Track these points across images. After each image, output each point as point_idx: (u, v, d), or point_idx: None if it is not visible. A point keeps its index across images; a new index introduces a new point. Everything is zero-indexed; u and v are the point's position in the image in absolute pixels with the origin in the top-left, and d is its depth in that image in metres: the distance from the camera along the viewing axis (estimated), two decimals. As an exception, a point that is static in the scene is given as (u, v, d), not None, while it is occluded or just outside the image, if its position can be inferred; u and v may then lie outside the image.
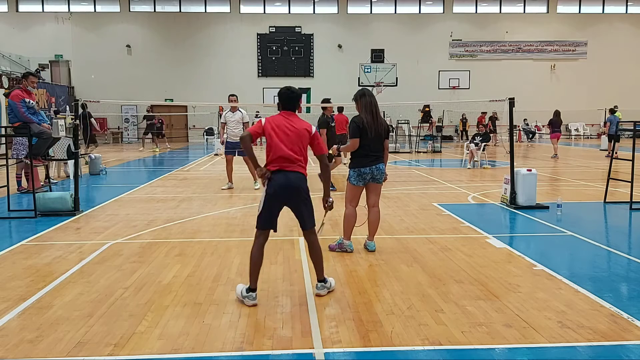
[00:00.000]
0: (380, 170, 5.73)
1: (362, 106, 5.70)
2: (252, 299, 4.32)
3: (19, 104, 9.17)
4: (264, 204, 4.37)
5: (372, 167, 5.68)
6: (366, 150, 5.65)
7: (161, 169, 15.96)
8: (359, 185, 5.77)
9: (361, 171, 5.69)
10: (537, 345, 3.56)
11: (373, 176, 5.74)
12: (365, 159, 5.67)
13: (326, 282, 4.57)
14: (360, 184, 5.75)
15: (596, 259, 5.79)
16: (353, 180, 5.74)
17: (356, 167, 5.70)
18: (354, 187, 5.78)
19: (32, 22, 31.09)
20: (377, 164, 5.70)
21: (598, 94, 31.74)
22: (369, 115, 5.61)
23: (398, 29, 32.36)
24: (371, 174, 5.71)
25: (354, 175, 5.73)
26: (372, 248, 5.92)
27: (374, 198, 5.90)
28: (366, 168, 5.68)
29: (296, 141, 4.38)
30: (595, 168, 15.37)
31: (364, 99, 5.73)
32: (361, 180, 5.72)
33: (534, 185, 8.58)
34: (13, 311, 4.17)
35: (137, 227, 7.28)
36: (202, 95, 30.05)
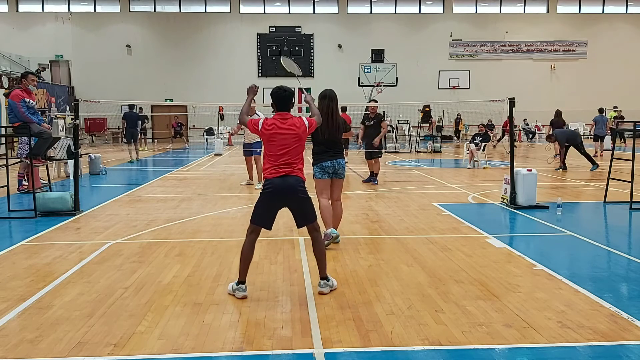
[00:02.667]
0: (340, 165, 6.13)
1: (319, 108, 5.96)
2: (242, 291, 4.42)
3: (19, 104, 9.17)
4: (260, 198, 4.49)
5: (333, 161, 6.07)
6: (323, 148, 6.10)
7: (161, 169, 15.96)
8: (324, 178, 6.12)
9: (323, 165, 6.07)
10: (537, 345, 3.56)
11: (335, 170, 6.11)
12: (325, 155, 6.07)
13: (329, 280, 4.59)
14: (325, 177, 6.11)
15: (596, 259, 5.78)
16: (318, 175, 6.13)
17: (318, 162, 6.10)
18: (320, 180, 6.16)
19: (32, 22, 31.10)
20: (337, 159, 6.09)
21: (598, 94, 31.71)
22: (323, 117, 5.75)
23: (398, 29, 32.36)
24: (333, 167, 6.08)
25: (317, 170, 6.12)
26: (334, 233, 6.15)
27: (337, 192, 6.26)
28: (327, 162, 6.07)
29: (292, 145, 4.45)
30: (598, 168, 15.34)
31: (322, 102, 6.08)
32: (325, 173, 6.09)
33: (534, 185, 8.57)
34: (13, 311, 4.17)
35: (137, 227, 7.28)
36: (202, 95, 30.06)
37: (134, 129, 18.05)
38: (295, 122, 4.52)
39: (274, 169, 4.43)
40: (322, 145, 6.11)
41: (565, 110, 22.22)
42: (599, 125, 19.03)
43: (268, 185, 4.44)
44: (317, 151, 6.14)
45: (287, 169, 4.43)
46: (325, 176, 6.12)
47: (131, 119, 17.96)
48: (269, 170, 4.47)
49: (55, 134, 12.46)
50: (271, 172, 4.44)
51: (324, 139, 6.05)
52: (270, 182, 4.42)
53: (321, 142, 6.10)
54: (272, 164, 4.46)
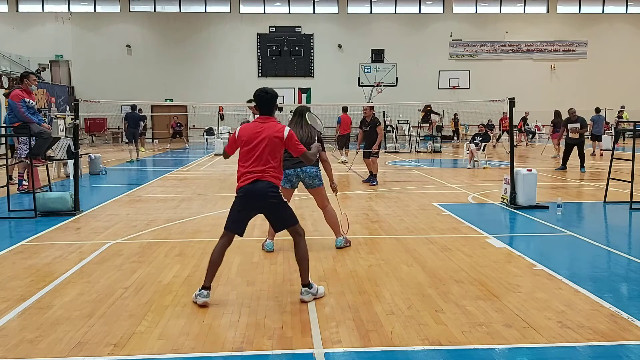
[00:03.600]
0: (307, 174, 5.84)
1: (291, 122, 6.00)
2: (204, 297, 4.24)
3: (19, 104, 9.17)
4: (233, 203, 4.40)
5: (297, 169, 5.82)
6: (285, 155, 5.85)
7: (161, 169, 15.96)
8: (286, 187, 5.89)
9: (286, 173, 5.84)
10: (537, 345, 3.56)
11: (301, 179, 5.90)
12: (288, 162, 5.81)
13: (311, 288, 4.36)
14: (287, 185, 5.89)
15: (596, 259, 5.79)
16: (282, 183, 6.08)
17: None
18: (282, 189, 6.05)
19: (32, 22, 31.10)
20: (302, 167, 5.80)
21: (598, 94, 31.70)
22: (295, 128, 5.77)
23: (398, 29, 32.35)
24: (296, 175, 5.87)
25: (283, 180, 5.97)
26: (339, 244, 6.07)
27: (318, 201, 6.07)
28: (290, 170, 5.86)
29: (266, 150, 4.28)
30: (595, 168, 15.36)
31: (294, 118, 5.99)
32: (287, 182, 5.88)
33: (534, 185, 8.57)
34: (13, 311, 4.17)
35: (137, 227, 7.28)
36: (202, 95, 30.05)
37: (135, 129, 18.15)
38: (274, 127, 4.33)
39: (245, 175, 4.29)
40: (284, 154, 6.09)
41: (566, 110, 22.21)
42: (597, 125, 19.28)
43: (239, 191, 4.33)
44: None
45: (257, 174, 4.26)
46: (287, 185, 5.92)
47: (133, 120, 18.07)
48: (240, 175, 4.33)
49: (55, 134, 12.46)
50: (243, 177, 4.31)
51: None
52: (241, 188, 4.31)
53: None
54: (244, 169, 4.30)
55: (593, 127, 19.49)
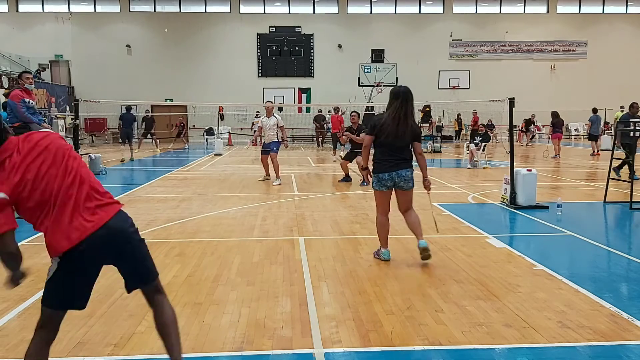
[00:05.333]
0: (402, 177, 5.32)
1: (388, 107, 5.37)
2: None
3: (18, 104, 9.16)
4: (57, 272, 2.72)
5: (392, 172, 5.30)
6: (384, 154, 5.32)
7: (161, 169, 15.96)
8: (382, 190, 5.39)
9: (379, 177, 5.35)
10: (537, 345, 3.56)
11: (395, 183, 5.35)
12: (384, 164, 5.31)
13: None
14: (383, 189, 5.38)
15: (596, 259, 5.79)
16: (375, 185, 5.46)
17: (374, 172, 5.42)
18: (376, 192, 5.49)
19: (32, 22, 31.09)
20: (397, 170, 5.29)
21: (598, 94, 31.70)
22: (389, 118, 5.24)
23: (398, 29, 32.35)
24: (391, 180, 5.33)
25: (374, 181, 5.43)
26: (423, 244, 5.40)
27: (404, 205, 5.52)
28: (384, 174, 5.32)
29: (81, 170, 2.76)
30: (595, 168, 15.36)
31: (394, 102, 5.31)
32: (383, 185, 5.36)
33: (534, 185, 8.57)
34: (13, 311, 4.17)
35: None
36: (202, 95, 30.04)
37: (129, 129, 18.57)
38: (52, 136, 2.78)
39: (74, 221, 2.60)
40: (382, 152, 5.32)
41: (565, 110, 22.24)
42: (595, 125, 19.65)
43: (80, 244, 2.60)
44: (376, 158, 5.39)
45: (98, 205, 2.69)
46: (383, 188, 5.37)
47: (127, 120, 18.38)
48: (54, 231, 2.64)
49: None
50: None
51: (389, 140, 5.26)
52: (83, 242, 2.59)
53: (383, 145, 5.31)
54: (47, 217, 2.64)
55: (591, 127, 19.84)
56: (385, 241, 5.59)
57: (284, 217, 8.01)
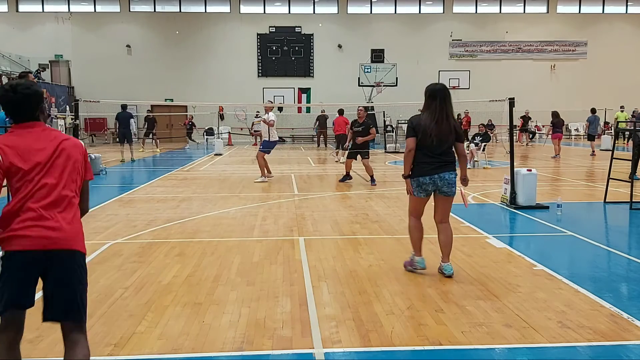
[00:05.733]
0: (445, 180, 4.86)
1: (425, 107, 4.97)
2: None
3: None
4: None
5: (434, 176, 4.84)
6: (425, 156, 4.86)
7: (161, 169, 15.96)
8: (420, 197, 4.95)
9: (420, 181, 4.88)
10: (537, 345, 3.56)
11: (438, 187, 4.89)
12: (425, 166, 4.86)
13: None
14: (422, 195, 4.93)
15: (596, 259, 5.79)
16: (413, 190, 4.97)
17: (415, 175, 4.90)
18: (413, 198, 5.01)
19: (32, 22, 31.08)
20: (440, 172, 4.84)
21: (598, 94, 31.69)
22: (429, 120, 4.83)
23: (398, 29, 32.34)
24: (433, 184, 4.87)
25: (413, 185, 4.93)
26: (448, 272, 4.95)
27: (441, 213, 5.09)
28: (426, 177, 4.86)
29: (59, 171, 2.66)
30: (595, 168, 15.36)
31: (432, 103, 4.89)
32: (422, 191, 4.91)
33: (534, 185, 8.57)
34: (13, 311, 4.16)
35: (137, 227, 7.28)
36: (202, 95, 30.02)
37: (126, 129, 18.00)
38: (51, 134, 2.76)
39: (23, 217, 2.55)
40: (423, 153, 4.86)
41: (565, 110, 22.25)
42: (593, 125, 19.91)
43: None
44: (416, 160, 4.88)
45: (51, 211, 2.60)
46: (422, 194, 4.92)
47: (124, 119, 17.95)
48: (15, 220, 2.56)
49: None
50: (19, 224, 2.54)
51: (432, 142, 4.81)
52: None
53: (423, 147, 4.85)
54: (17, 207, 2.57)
55: (589, 127, 20.05)
56: (419, 248, 5.09)
57: (284, 217, 8.01)
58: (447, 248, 5.03)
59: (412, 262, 5.11)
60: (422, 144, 4.83)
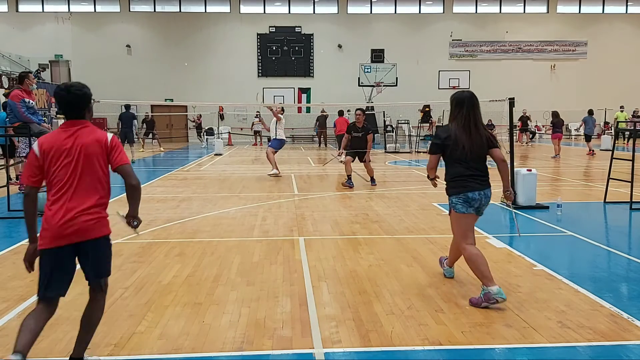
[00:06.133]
0: (487, 197, 4.43)
1: (452, 117, 4.52)
2: None
3: (18, 104, 9.16)
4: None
5: (481, 192, 4.38)
6: (467, 170, 4.41)
7: (161, 169, 15.95)
8: (470, 213, 4.39)
9: (469, 196, 4.35)
10: (537, 345, 3.56)
11: (480, 205, 4.41)
12: (472, 181, 4.38)
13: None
14: (471, 210, 4.39)
15: (596, 259, 5.79)
16: (460, 208, 4.40)
17: (462, 191, 4.38)
18: (460, 216, 4.42)
19: (32, 22, 31.10)
20: (484, 189, 4.41)
21: (598, 94, 31.72)
22: (459, 130, 4.41)
23: (398, 29, 32.35)
24: (480, 201, 4.38)
25: (459, 202, 4.40)
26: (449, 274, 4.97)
27: None
28: (475, 193, 4.35)
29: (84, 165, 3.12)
30: (595, 168, 15.37)
31: (459, 111, 4.45)
32: (471, 207, 4.38)
33: (534, 185, 8.57)
34: (13, 311, 4.17)
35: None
36: (202, 95, 30.05)
37: (129, 129, 18.05)
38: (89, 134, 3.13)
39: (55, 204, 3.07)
40: (466, 166, 4.41)
41: (565, 110, 22.25)
42: (588, 125, 20.31)
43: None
44: (458, 174, 4.43)
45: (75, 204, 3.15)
46: (471, 210, 4.38)
47: (126, 119, 17.99)
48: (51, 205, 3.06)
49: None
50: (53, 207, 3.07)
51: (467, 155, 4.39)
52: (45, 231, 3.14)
53: (462, 160, 4.40)
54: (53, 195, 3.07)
55: (585, 127, 20.38)
56: (490, 275, 4.28)
57: (284, 217, 8.01)
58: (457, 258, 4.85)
59: (488, 297, 4.18)
60: (457, 156, 4.41)
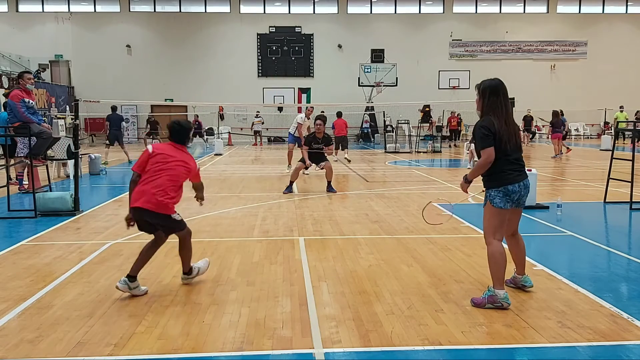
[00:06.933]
0: (527, 187, 4.28)
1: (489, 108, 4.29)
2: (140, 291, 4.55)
3: (18, 104, 9.16)
4: None
5: (520, 183, 4.21)
6: (507, 163, 4.19)
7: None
8: (507, 209, 4.21)
9: (508, 189, 4.16)
10: (537, 345, 3.56)
11: (520, 196, 4.25)
12: (512, 173, 4.19)
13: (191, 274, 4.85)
14: (509, 205, 4.21)
15: (596, 259, 5.79)
16: (499, 202, 4.18)
17: (502, 184, 4.17)
18: (499, 211, 4.20)
19: (32, 22, 31.09)
20: (524, 180, 4.25)
21: (598, 94, 31.72)
22: (501, 121, 4.19)
23: (398, 29, 32.35)
24: (519, 193, 4.22)
25: (498, 196, 4.18)
26: (530, 284, 4.57)
27: (515, 224, 4.50)
28: (515, 185, 4.18)
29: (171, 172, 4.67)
30: (595, 168, 15.37)
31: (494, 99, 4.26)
32: (509, 200, 4.20)
33: (534, 185, 8.56)
34: (13, 311, 4.17)
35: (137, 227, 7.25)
36: (202, 95, 30.04)
37: (118, 130, 17.91)
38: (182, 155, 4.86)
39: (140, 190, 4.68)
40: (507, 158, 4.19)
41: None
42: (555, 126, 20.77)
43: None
44: (499, 167, 4.18)
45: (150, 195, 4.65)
46: (508, 205, 4.20)
47: (115, 121, 17.95)
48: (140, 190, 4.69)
49: (55, 134, 12.46)
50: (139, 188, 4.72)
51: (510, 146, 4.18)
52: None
53: (504, 151, 4.17)
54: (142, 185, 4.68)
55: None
56: (503, 280, 4.19)
57: (284, 217, 8.01)
58: (524, 260, 4.59)
59: (493, 299, 4.11)
60: (498, 147, 4.15)
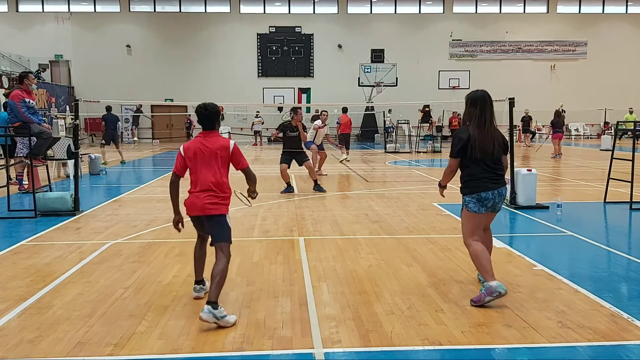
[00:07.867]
0: (502, 196, 4.47)
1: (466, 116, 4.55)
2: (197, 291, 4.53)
3: (18, 104, 9.16)
4: None
5: (495, 191, 4.39)
6: (481, 172, 4.42)
7: (161, 169, 15.95)
8: (482, 213, 4.45)
9: (482, 196, 4.39)
10: (537, 345, 3.56)
11: (494, 203, 4.45)
12: (486, 181, 4.40)
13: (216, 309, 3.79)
14: (483, 210, 4.43)
15: (596, 259, 5.79)
16: (473, 207, 4.43)
17: (474, 191, 4.41)
18: (474, 215, 4.45)
19: (32, 22, 31.09)
20: (499, 188, 4.43)
21: (598, 94, 31.71)
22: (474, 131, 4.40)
23: (398, 29, 32.34)
24: (493, 200, 4.42)
25: (472, 201, 4.43)
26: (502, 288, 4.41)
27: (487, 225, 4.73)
28: (488, 193, 4.38)
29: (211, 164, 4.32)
30: (595, 168, 15.37)
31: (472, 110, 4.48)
32: (483, 206, 4.42)
33: (534, 185, 8.57)
34: (13, 311, 4.17)
35: (137, 227, 7.28)
36: (202, 95, 29.82)
37: (114, 130, 17.93)
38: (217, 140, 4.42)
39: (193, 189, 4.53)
40: (480, 165, 4.42)
41: (566, 110, 22.17)
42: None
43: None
44: (473, 174, 4.44)
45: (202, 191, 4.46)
46: (482, 210, 4.43)
47: (110, 121, 17.98)
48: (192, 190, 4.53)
49: (55, 134, 12.46)
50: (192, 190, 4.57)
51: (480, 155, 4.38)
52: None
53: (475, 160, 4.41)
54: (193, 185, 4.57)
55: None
56: (492, 272, 4.36)
57: (284, 217, 8.01)
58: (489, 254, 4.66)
59: (490, 290, 4.22)
60: (473, 156, 4.39)
